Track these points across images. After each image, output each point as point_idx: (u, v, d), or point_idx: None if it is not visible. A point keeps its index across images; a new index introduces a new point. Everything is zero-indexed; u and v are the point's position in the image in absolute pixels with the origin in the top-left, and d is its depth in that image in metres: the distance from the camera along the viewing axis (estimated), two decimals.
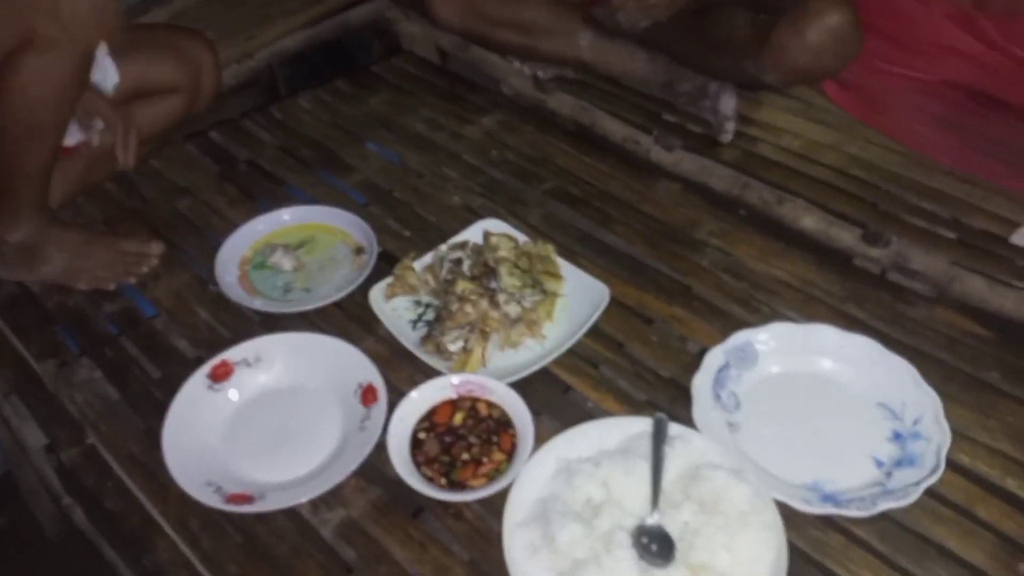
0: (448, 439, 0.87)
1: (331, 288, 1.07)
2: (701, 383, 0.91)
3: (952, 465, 0.84)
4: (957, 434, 0.86)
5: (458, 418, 0.88)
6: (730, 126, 1.27)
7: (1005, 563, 0.78)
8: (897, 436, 0.87)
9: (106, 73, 1.08)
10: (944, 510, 0.82)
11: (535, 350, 0.97)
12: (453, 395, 0.90)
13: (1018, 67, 1.33)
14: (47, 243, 1.07)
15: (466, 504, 0.83)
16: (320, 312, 1.04)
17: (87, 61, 0.96)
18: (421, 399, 0.89)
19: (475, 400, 0.90)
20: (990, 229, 1.13)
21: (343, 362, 0.93)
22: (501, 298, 0.98)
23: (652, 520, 0.76)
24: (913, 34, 1.40)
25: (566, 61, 1.43)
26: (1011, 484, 0.84)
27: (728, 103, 1.26)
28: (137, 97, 1.16)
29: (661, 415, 0.83)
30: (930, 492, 0.81)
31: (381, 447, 0.85)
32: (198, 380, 0.91)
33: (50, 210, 1.10)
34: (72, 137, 1.12)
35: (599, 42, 1.38)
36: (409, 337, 0.98)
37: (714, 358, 0.93)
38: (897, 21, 1.40)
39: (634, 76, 1.40)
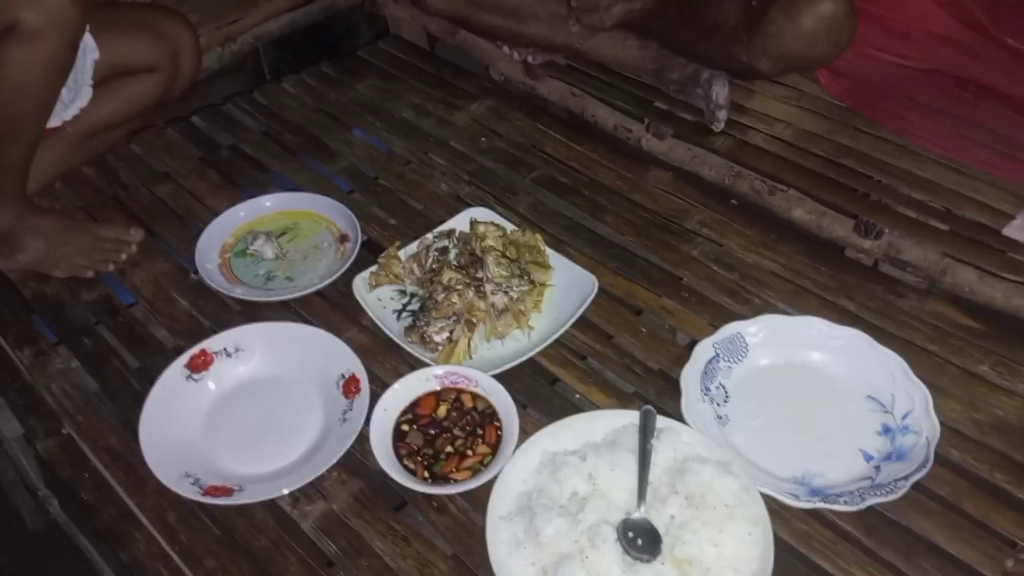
0: (432, 431, 0.85)
1: (314, 277, 1.05)
2: (690, 375, 0.90)
3: (940, 459, 0.83)
4: (946, 427, 0.86)
5: (442, 410, 0.87)
6: (722, 114, 1.26)
7: (992, 558, 0.77)
8: (887, 430, 0.86)
9: (85, 48, 1.06)
10: (932, 504, 0.81)
11: (522, 341, 0.96)
12: (437, 386, 0.89)
13: (1007, 55, 1.32)
14: (24, 230, 1.05)
15: (450, 497, 0.82)
16: (303, 301, 1.02)
17: (71, 52, 0.94)
18: (404, 390, 0.88)
19: (460, 392, 0.88)
20: (982, 220, 1.12)
21: (325, 352, 0.91)
22: (488, 288, 0.96)
23: (638, 514, 0.75)
24: (903, 20, 1.38)
25: (556, 47, 1.41)
26: (999, 478, 0.84)
27: (720, 91, 1.24)
28: (114, 76, 1.14)
29: (648, 408, 0.82)
30: (918, 486, 0.80)
31: (363, 439, 0.84)
32: (176, 370, 0.90)
33: (28, 197, 1.07)
34: (50, 120, 1.09)
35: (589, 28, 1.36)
36: (393, 327, 0.97)
37: (703, 350, 0.92)
38: (887, 7, 1.38)
39: (624, 63, 1.37)
